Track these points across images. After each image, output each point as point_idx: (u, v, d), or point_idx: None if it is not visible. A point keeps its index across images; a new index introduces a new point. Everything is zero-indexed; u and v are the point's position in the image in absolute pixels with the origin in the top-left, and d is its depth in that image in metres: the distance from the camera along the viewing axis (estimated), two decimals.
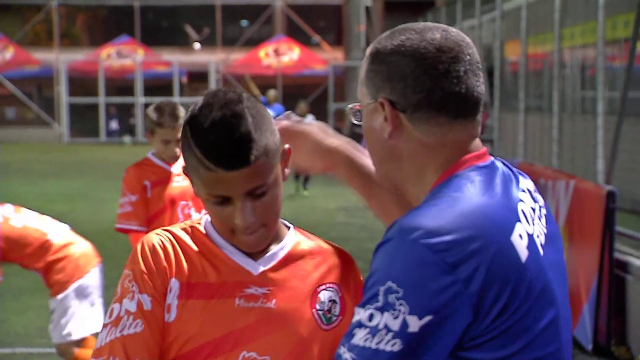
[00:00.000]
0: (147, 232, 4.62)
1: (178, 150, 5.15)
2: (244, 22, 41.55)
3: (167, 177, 5.18)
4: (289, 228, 2.09)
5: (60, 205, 15.96)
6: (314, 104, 36.30)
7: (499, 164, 1.88)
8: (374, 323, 1.67)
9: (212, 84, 35.78)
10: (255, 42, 37.80)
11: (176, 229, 2.01)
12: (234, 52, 37.92)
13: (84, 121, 36.03)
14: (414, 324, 1.64)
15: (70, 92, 35.47)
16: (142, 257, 1.95)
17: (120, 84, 36.85)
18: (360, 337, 1.68)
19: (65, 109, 35.14)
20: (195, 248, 1.99)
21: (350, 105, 1.95)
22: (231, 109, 1.88)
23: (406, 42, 1.81)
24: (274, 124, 1.97)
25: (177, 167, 5.23)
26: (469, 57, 1.82)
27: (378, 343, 1.66)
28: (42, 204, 16.23)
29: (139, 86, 35.34)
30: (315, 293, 2.02)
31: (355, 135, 25.99)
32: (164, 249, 1.96)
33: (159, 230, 2.01)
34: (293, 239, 2.07)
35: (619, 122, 8.15)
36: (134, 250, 1.98)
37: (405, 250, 1.67)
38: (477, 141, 1.85)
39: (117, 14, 40.04)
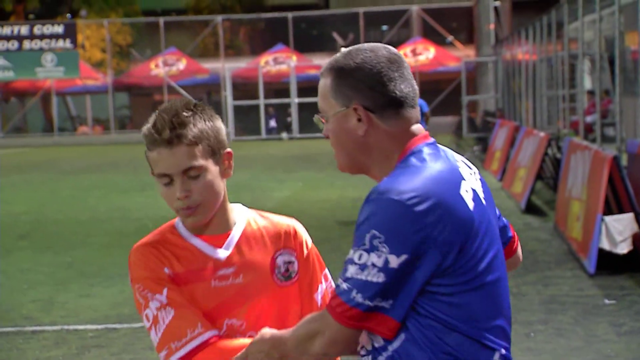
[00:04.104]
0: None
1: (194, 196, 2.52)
2: (384, 27, 41.36)
3: (201, 269, 2.40)
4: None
5: (229, 195, 16.14)
6: (448, 97, 35.87)
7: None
8: (362, 261, 2.00)
9: None
10: (394, 44, 37.43)
11: None
12: None
13: (246, 121, 36.61)
14: (394, 261, 1.98)
15: (234, 95, 36.10)
16: None
17: (277, 87, 37.27)
18: (352, 272, 2.01)
19: (230, 110, 35.80)
20: None
21: (317, 116, 2.20)
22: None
23: (367, 59, 2.13)
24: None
25: (227, 250, 2.46)
26: (405, 64, 2.17)
27: (367, 276, 1.99)
28: None
29: (293, 88, 35.64)
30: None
31: (487, 124, 25.49)
32: None
33: None
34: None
35: None
36: None
37: (384, 205, 2.00)
38: (419, 125, 2.17)
39: (273, 25, 40.50)
